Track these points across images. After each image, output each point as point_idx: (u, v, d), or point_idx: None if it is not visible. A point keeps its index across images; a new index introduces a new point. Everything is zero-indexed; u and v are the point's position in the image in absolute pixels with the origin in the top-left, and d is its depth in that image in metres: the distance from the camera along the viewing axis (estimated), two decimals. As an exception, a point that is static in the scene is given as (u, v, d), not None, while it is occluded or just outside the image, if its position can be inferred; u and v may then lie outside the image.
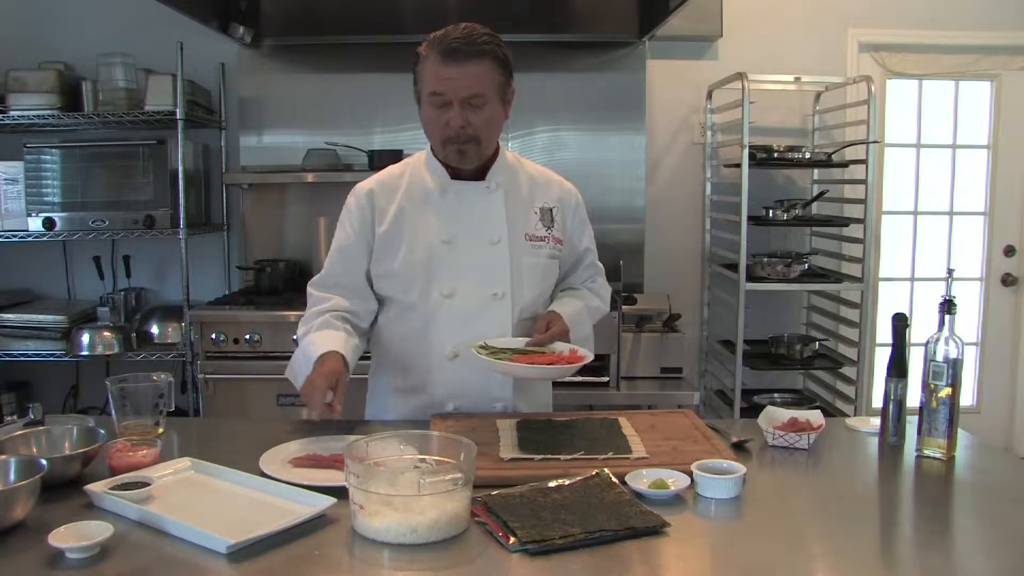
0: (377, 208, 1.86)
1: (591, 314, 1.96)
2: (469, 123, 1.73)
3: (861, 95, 3.40)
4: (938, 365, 1.59)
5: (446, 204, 1.84)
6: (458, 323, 1.81)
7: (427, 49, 1.74)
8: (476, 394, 1.84)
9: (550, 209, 1.91)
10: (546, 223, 1.90)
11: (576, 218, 1.97)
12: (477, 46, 1.71)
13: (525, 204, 1.89)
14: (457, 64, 1.70)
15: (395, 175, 1.90)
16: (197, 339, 3.12)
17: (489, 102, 1.75)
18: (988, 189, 3.99)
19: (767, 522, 1.33)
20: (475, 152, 1.79)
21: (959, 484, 1.53)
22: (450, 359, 1.82)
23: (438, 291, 1.81)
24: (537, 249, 1.88)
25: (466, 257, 1.82)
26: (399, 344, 1.88)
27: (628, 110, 3.66)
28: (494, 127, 1.81)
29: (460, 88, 1.71)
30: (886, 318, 1.73)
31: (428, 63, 1.73)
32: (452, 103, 1.72)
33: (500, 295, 1.82)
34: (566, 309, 1.88)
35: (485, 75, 1.73)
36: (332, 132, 3.59)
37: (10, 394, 3.47)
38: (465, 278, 1.82)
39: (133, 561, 1.16)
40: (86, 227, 3.35)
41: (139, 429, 1.64)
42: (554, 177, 1.99)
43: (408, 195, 1.86)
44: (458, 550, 1.20)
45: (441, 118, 1.74)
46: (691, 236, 3.83)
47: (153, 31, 3.43)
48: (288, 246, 3.71)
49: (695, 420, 1.75)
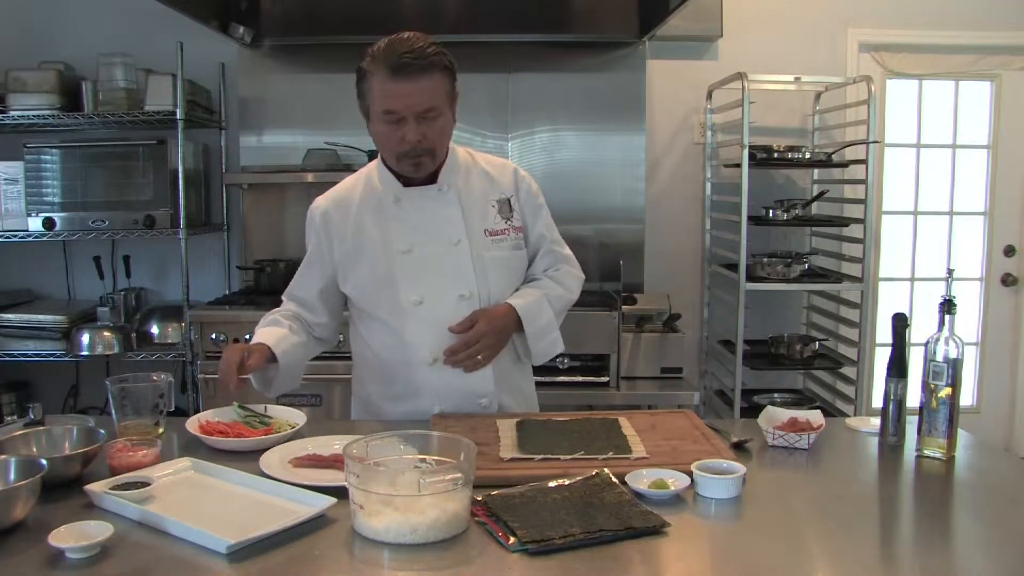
0: (333, 230, 1.87)
1: (552, 303, 1.91)
2: (424, 137, 1.73)
3: (861, 95, 3.40)
4: (938, 365, 1.59)
5: (401, 213, 1.84)
6: (432, 328, 1.81)
7: (372, 65, 1.72)
8: (460, 394, 1.85)
9: (507, 199, 1.91)
10: (504, 214, 1.89)
11: (529, 204, 1.95)
12: (427, 58, 1.69)
13: (481, 200, 1.88)
14: (409, 80, 1.68)
15: (348, 188, 1.91)
16: (197, 339, 3.12)
17: (442, 112, 1.74)
18: (988, 189, 3.99)
19: (767, 522, 1.33)
20: (430, 163, 1.79)
21: (959, 484, 1.53)
22: (430, 364, 1.83)
23: (406, 299, 1.82)
24: (498, 243, 1.87)
25: (428, 262, 1.83)
26: (379, 355, 1.89)
27: (628, 110, 3.66)
28: (447, 136, 1.81)
29: (414, 104, 1.69)
30: (886, 318, 1.73)
31: (376, 80, 1.71)
32: (406, 119, 1.70)
33: (468, 295, 1.83)
34: (520, 300, 1.87)
35: (437, 88, 1.72)
36: (332, 132, 3.59)
37: (10, 394, 3.47)
38: (430, 283, 1.82)
39: (133, 561, 1.16)
40: (86, 227, 3.35)
41: (139, 429, 1.64)
42: (508, 165, 1.97)
43: (363, 208, 1.87)
44: (458, 550, 1.20)
45: (395, 134, 1.73)
46: (691, 236, 3.83)
47: (153, 31, 3.43)
48: (288, 246, 3.71)
49: (695, 420, 1.75)
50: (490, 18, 3.47)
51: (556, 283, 1.96)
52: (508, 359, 1.91)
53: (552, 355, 1.94)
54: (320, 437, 1.64)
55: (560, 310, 1.95)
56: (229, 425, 1.70)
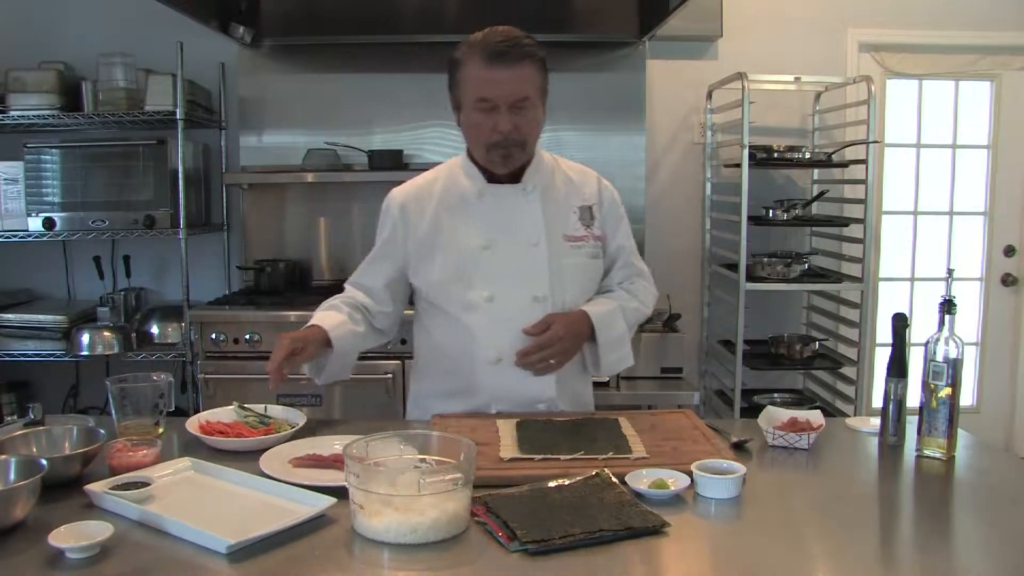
0: (410, 222, 1.85)
1: (626, 315, 1.89)
2: (517, 127, 1.71)
3: (861, 95, 3.40)
4: (938, 365, 1.59)
5: (483, 208, 1.83)
6: (500, 327, 1.80)
7: (467, 53, 1.72)
8: (519, 396, 1.83)
9: (589, 207, 1.89)
10: (585, 221, 1.87)
11: (611, 215, 1.93)
12: (522, 48, 1.70)
13: (563, 205, 1.87)
14: (504, 67, 1.68)
15: (430, 181, 1.89)
16: (197, 339, 3.12)
17: (535, 104, 1.74)
18: (988, 189, 3.99)
19: (767, 522, 1.32)
20: (520, 155, 1.77)
21: (959, 484, 1.54)
22: (494, 363, 1.81)
23: (478, 296, 1.80)
24: (577, 249, 1.85)
25: (505, 261, 1.81)
26: (442, 349, 1.88)
27: (628, 110, 3.66)
28: (538, 130, 1.80)
29: (508, 93, 1.69)
30: (886, 318, 1.73)
31: (470, 67, 1.71)
32: (499, 107, 1.70)
33: (541, 298, 1.81)
34: (595, 308, 1.85)
35: (531, 77, 1.72)
36: (332, 132, 3.59)
37: (10, 394, 3.47)
38: (505, 282, 1.80)
39: (133, 561, 1.16)
40: (86, 227, 3.35)
41: (139, 429, 1.64)
42: (591, 173, 1.96)
43: (443, 202, 1.85)
44: (458, 550, 1.20)
45: (487, 123, 1.72)
46: (691, 236, 3.83)
47: (153, 31, 3.43)
48: (288, 246, 3.71)
49: (695, 420, 1.75)
50: (490, 18, 3.46)
51: (631, 296, 1.94)
52: (574, 367, 1.88)
53: (621, 369, 1.91)
54: (320, 437, 1.64)
55: (633, 324, 1.93)
56: (229, 425, 1.70)
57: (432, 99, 3.62)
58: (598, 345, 1.84)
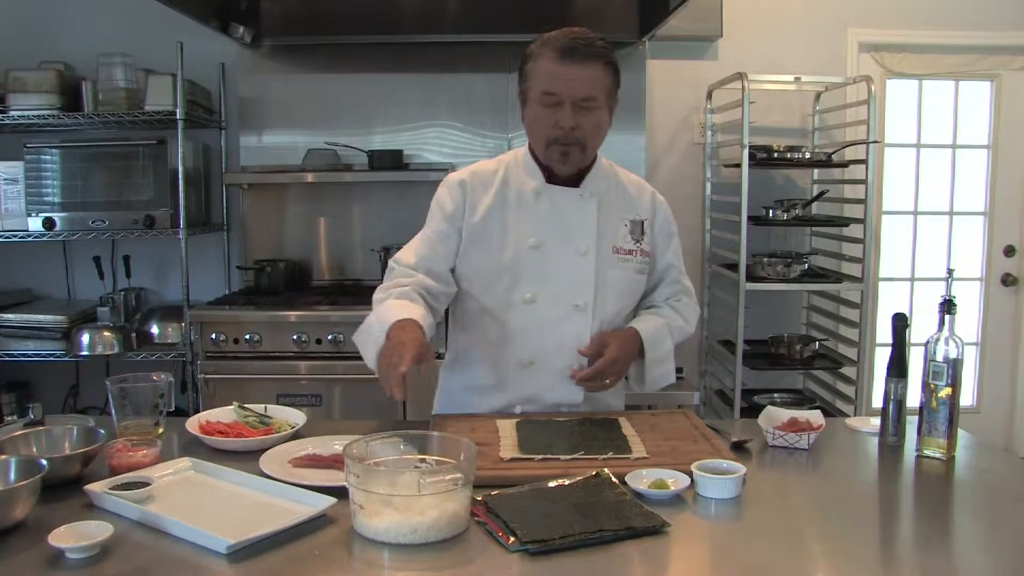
0: (469, 199, 1.82)
1: (672, 333, 1.88)
2: (578, 126, 1.70)
3: (861, 95, 3.40)
4: (938, 365, 1.59)
5: (539, 207, 1.81)
6: (537, 330, 1.79)
7: (540, 47, 1.72)
8: (547, 400, 1.83)
9: (641, 222, 1.87)
10: (635, 236, 1.85)
11: (663, 232, 1.91)
12: (595, 48, 1.70)
13: (616, 215, 1.85)
14: (574, 64, 1.68)
15: (489, 170, 1.86)
16: (197, 339, 3.12)
17: (600, 107, 1.72)
18: (988, 189, 3.99)
19: (767, 522, 1.33)
20: (579, 156, 1.75)
21: (959, 484, 1.54)
22: (526, 366, 1.80)
23: (520, 295, 1.79)
24: (624, 263, 1.83)
25: (552, 264, 1.79)
26: (475, 343, 1.86)
27: (628, 110, 3.61)
28: (600, 134, 1.77)
29: (574, 90, 1.68)
30: (886, 318, 1.73)
31: (541, 61, 1.71)
32: (564, 103, 1.69)
33: (582, 306, 1.79)
34: (645, 326, 1.84)
35: (599, 78, 1.71)
36: (332, 132, 3.59)
37: (10, 394, 3.47)
38: (549, 285, 1.79)
39: (133, 561, 1.16)
40: (86, 227, 3.35)
41: (139, 429, 1.64)
42: (647, 187, 1.94)
43: (501, 193, 1.82)
44: (458, 550, 1.20)
45: (550, 118, 1.71)
46: (691, 236, 3.83)
47: (153, 31, 3.43)
48: (288, 246, 3.71)
49: (695, 420, 1.75)
50: (490, 18, 3.47)
51: (677, 313, 1.93)
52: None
53: (663, 385, 1.90)
54: (320, 437, 1.64)
55: (677, 341, 1.92)
56: (229, 425, 1.70)
57: (432, 99, 3.63)
58: (645, 362, 1.83)
